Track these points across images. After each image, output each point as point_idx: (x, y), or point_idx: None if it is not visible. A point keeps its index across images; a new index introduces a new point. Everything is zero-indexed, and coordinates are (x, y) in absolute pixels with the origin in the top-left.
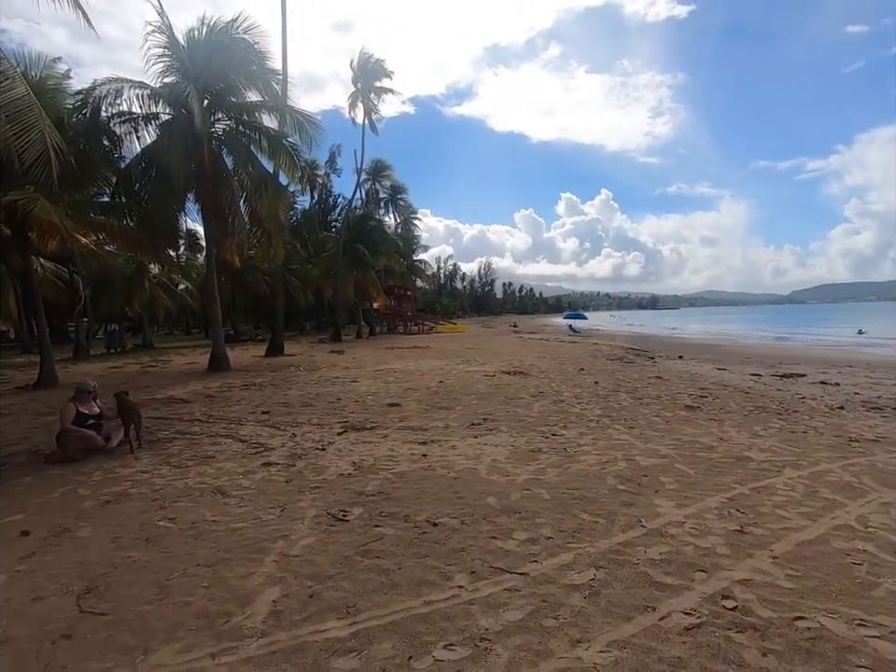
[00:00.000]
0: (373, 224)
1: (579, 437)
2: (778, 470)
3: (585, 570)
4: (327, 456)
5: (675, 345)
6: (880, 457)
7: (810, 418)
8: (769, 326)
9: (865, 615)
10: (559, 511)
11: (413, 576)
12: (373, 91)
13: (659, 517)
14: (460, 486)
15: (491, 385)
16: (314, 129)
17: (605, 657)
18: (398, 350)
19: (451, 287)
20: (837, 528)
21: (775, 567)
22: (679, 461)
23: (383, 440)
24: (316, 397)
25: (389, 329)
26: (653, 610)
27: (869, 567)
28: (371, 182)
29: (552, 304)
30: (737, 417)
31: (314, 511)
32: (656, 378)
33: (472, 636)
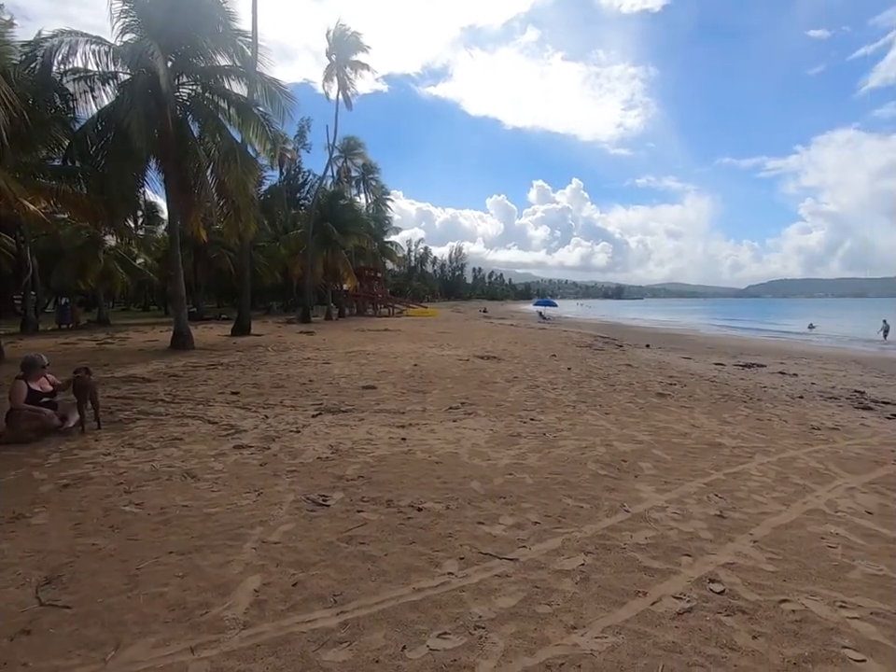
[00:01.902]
0: (345, 203)
1: (557, 422)
2: (750, 456)
3: (574, 555)
4: (302, 439)
5: (641, 334)
6: (840, 444)
7: (773, 406)
8: (728, 318)
9: (845, 597)
10: (543, 496)
11: (400, 562)
12: (349, 65)
13: (641, 502)
14: (442, 470)
15: (465, 369)
16: (286, 99)
17: (601, 643)
18: (369, 332)
19: (421, 271)
20: (810, 513)
21: (756, 551)
22: (655, 447)
23: (360, 423)
24: (288, 378)
25: (359, 312)
26: (645, 595)
27: (843, 550)
28: (343, 160)
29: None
30: (706, 405)
31: (292, 495)
32: (626, 366)
33: (466, 623)
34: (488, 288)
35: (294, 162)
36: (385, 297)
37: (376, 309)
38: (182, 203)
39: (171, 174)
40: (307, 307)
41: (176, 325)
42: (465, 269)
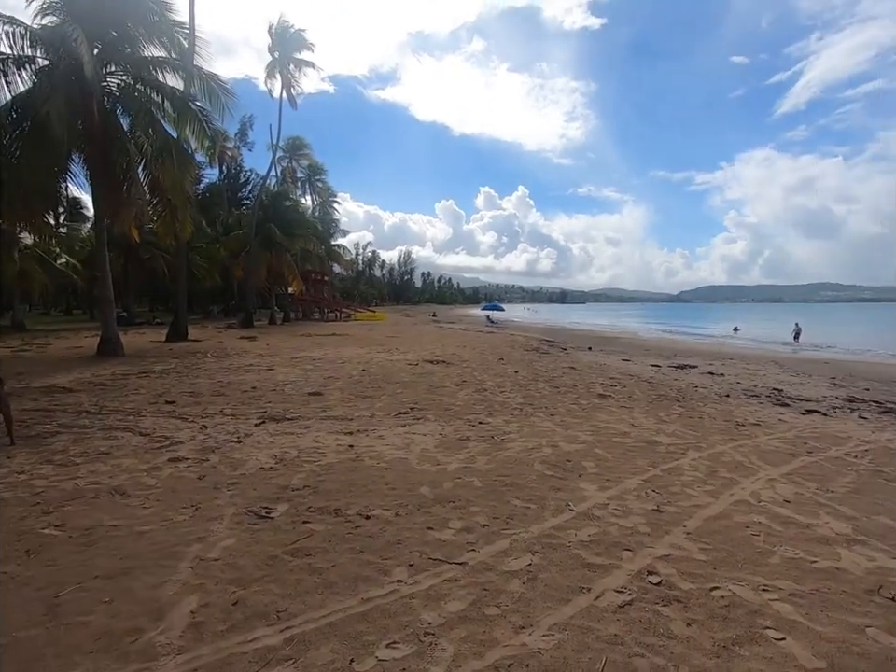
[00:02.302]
0: (289, 204)
1: (504, 424)
2: (683, 453)
3: (522, 556)
4: (244, 449)
5: (584, 337)
6: (762, 439)
7: (704, 405)
8: (663, 321)
9: (766, 581)
10: (492, 499)
11: (348, 573)
12: (293, 62)
13: (585, 500)
14: (391, 477)
15: (414, 373)
16: (226, 95)
17: (548, 640)
18: (315, 337)
19: (370, 275)
20: (736, 504)
21: (689, 542)
22: (597, 446)
23: (306, 430)
24: (228, 385)
25: (305, 316)
26: (588, 591)
27: (765, 538)
28: (288, 160)
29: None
30: (644, 405)
31: (233, 508)
32: (570, 368)
33: (416, 631)
34: (437, 293)
35: (235, 161)
36: (332, 301)
37: (323, 313)
38: (110, 200)
39: (97, 168)
40: (249, 311)
41: (104, 330)
42: (414, 273)
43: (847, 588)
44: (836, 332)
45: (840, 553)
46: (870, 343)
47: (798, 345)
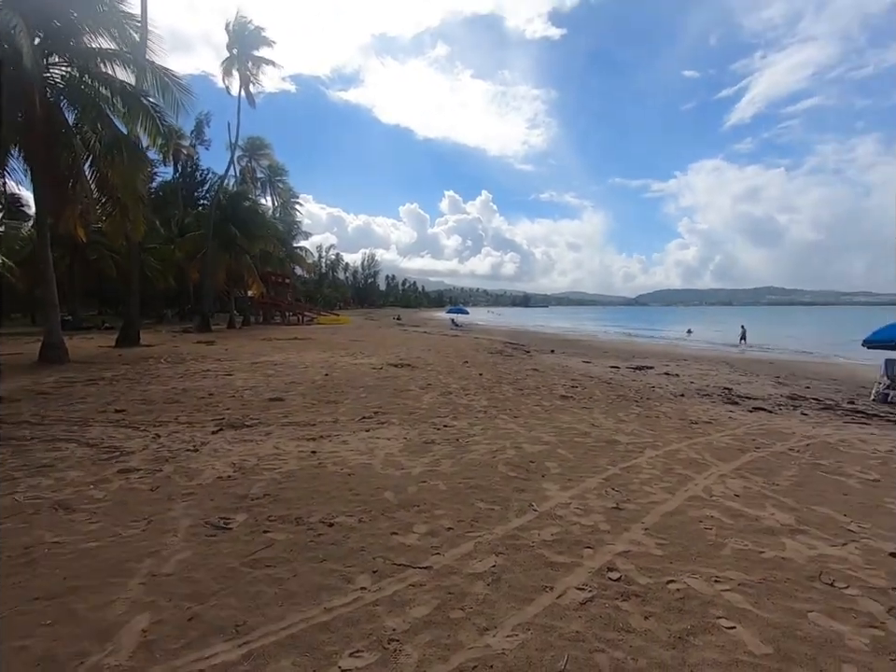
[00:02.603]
0: (249, 205)
1: (469, 427)
2: (641, 451)
3: (486, 558)
4: (200, 458)
5: (547, 340)
6: (714, 436)
7: (660, 404)
8: (621, 324)
9: (718, 572)
10: (456, 501)
11: (310, 582)
12: (251, 60)
13: (548, 500)
14: (355, 483)
15: (379, 377)
16: (180, 91)
17: (512, 641)
18: (277, 341)
19: (333, 278)
20: (690, 499)
21: (647, 538)
22: (560, 447)
23: (266, 437)
24: (184, 392)
25: (265, 320)
26: (551, 590)
27: (717, 531)
28: (248, 160)
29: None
30: (604, 405)
31: (188, 520)
32: (533, 370)
33: (380, 638)
34: (402, 296)
35: (191, 159)
36: (294, 304)
37: (284, 317)
38: (53, 198)
39: (39, 164)
40: (206, 315)
41: (47, 335)
42: (378, 276)
43: (791, 576)
44: (779, 334)
45: (785, 543)
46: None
47: (744, 346)
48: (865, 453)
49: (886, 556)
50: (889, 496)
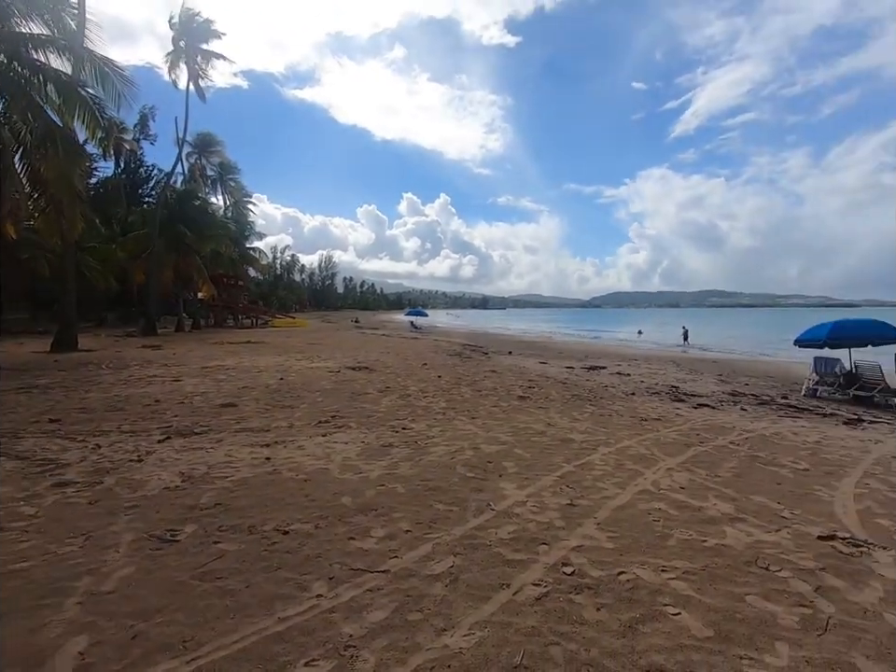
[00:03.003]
0: (198, 203)
1: (427, 429)
2: (594, 448)
3: (444, 558)
4: (145, 468)
5: (504, 342)
6: (662, 432)
7: (612, 403)
8: (576, 326)
9: (665, 562)
10: (415, 504)
11: (263, 593)
12: (200, 53)
13: (505, 499)
14: (311, 488)
15: (336, 381)
16: (122, 82)
17: (469, 640)
18: (229, 345)
19: (288, 279)
20: (640, 493)
21: (599, 532)
22: (517, 446)
23: (217, 444)
24: (127, 399)
25: (217, 323)
26: (508, 587)
27: (664, 523)
28: (198, 157)
29: (393, 301)
30: (559, 405)
31: (131, 534)
32: (491, 372)
33: (336, 645)
34: (360, 298)
35: (135, 154)
36: (247, 307)
37: (237, 320)
38: None
39: None
40: (152, 317)
41: None
42: (335, 278)
43: (730, 562)
44: (722, 335)
45: (725, 531)
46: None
47: (687, 346)
48: (796, 444)
49: (814, 540)
50: (817, 483)
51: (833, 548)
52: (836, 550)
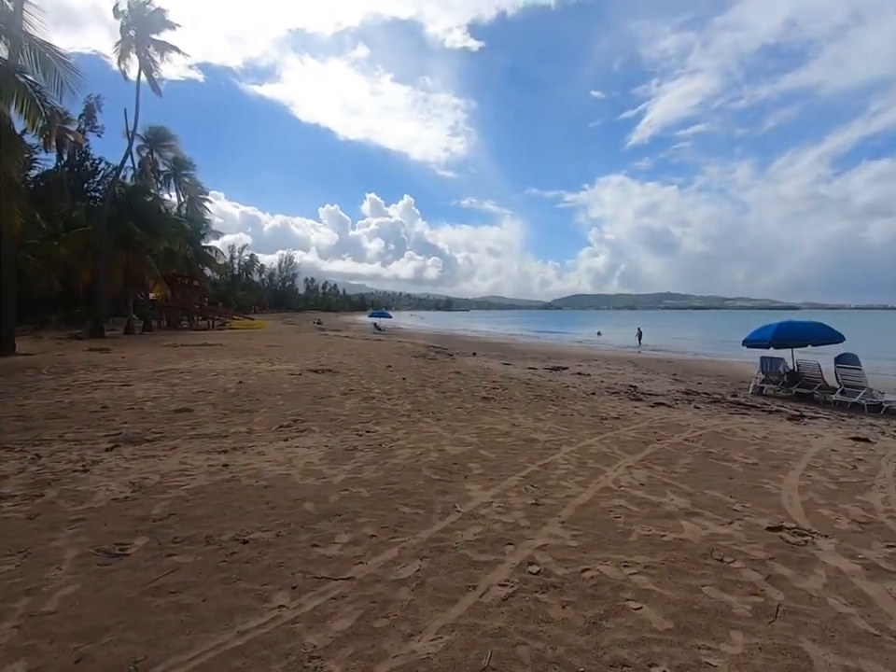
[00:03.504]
0: (150, 200)
1: (392, 432)
2: (557, 448)
3: (410, 562)
4: (91, 479)
5: (469, 343)
6: (622, 431)
7: (574, 403)
8: (538, 327)
9: (627, 558)
10: (380, 508)
11: (221, 606)
12: (153, 44)
13: (471, 501)
14: (272, 495)
15: (298, 384)
16: (65, 70)
17: (436, 644)
18: (184, 348)
19: (247, 280)
20: (601, 491)
21: (563, 531)
22: (482, 447)
23: (171, 452)
24: (71, 406)
25: (170, 325)
26: (474, 589)
27: (625, 519)
28: (149, 151)
29: (356, 302)
30: (523, 405)
31: (76, 550)
32: (455, 373)
33: (299, 657)
34: (322, 299)
35: (80, 146)
36: (203, 308)
37: (193, 321)
38: None
39: None
40: (99, 319)
41: None
42: (296, 279)
43: (688, 555)
44: (676, 336)
45: (682, 526)
46: (700, 344)
47: (641, 346)
48: (746, 440)
49: (763, 531)
50: (765, 477)
51: (781, 538)
52: (784, 540)
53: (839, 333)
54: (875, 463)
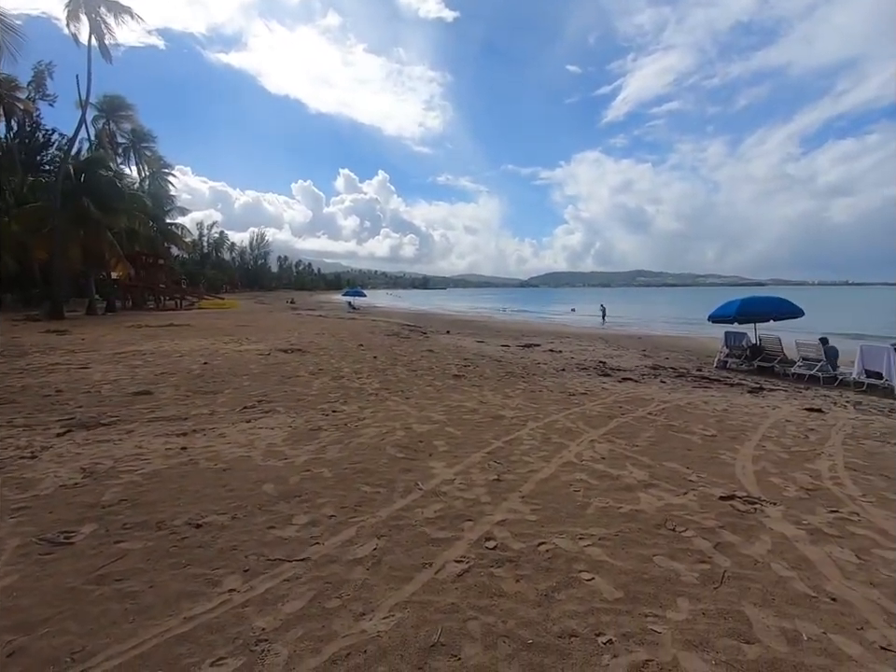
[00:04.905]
0: (108, 174)
1: (359, 411)
2: (523, 424)
3: (367, 542)
4: (39, 466)
5: (444, 321)
6: (588, 406)
7: (543, 379)
8: (514, 304)
9: (582, 530)
10: (341, 488)
11: (168, 592)
12: (104, 4)
13: (434, 478)
14: (230, 478)
15: (266, 364)
16: (5, 32)
17: (387, 622)
18: (148, 329)
19: (217, 258)
20: (563, 465)
21: (523, 506)
22: (448, 425)
23: (126, 436)
24: (22, 390)
25: (135, 305)
26: (430, 566)
27: (584, 493)
28: (105, 121)
29: (331, 281)
30: (493, 382)
31: (17, 539)
32: (428, 351)
33: (246, 641)
34: (296, 278)
35: (30, 115)
36: (170, 287)
37: (159, 301)
38: None
39: None
40: (58, 299)
41: None
42: (269, 257)
43: (642, 526)
44: (648, 311)
45: (639, 497)
46: (672, 319)
47: (605, 323)
48: (706, 412)
49: (716, 500)
50: (722, 448)
51: (732, 507)
52: (735, 508)
53: (799, 308)
54: (826, 432)
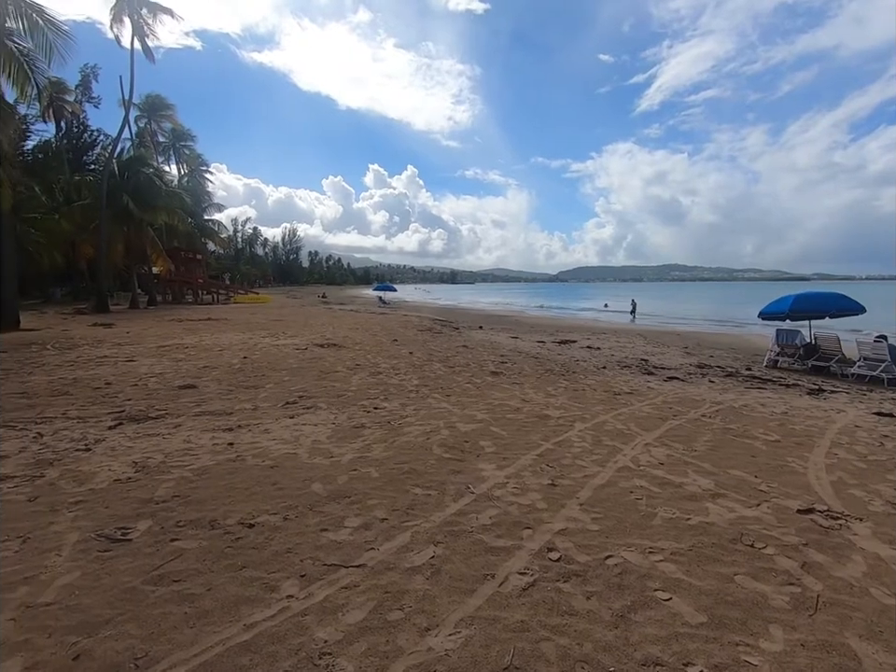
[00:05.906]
0: (148, 172)
1: (401, 408)
2: (571, 424)
3: (424, 548)
4: (94, 459)
5: (475, 317)
6: (636, 406)
7: (585, 377)
8: (546, 300)
9: (651, 543)
10: (390, 489)
11: (227, 596)
12: (146, 6)
13: (484, 481)
14: (278, 476)
15: (303, 359)
16: (55, 33)
17: (455, 640)
18: (188, 322)
19: (251, 253)
20: (620, 470)
21: (583, 514)
22: (493, 424)
23: (175, 430)
24: (74, 382)
25: (175, 299)
26: (493, 577)
27: (647, 501)
28: (147, 121)
29: (360, 276)
30: (532, 380)
31: (76, 534)
32: (463, 347)
33: (310, 654)
34: (326, 273)
35: (77, 118)
36: (207, 282)
37: (197, 296)
38: None
39: None
40: (104, 293)
41: None
42: (301, 252)
43: (715, 541)
44: (685, 307)
45: (707, 508)
46: (711, 315)
47: (635, 318)
48: (765, 415)
49: (794, 514)
50: (790, 455)
51: (812, 521)
52: (816, 523)
53: (860, 304)
54: None
